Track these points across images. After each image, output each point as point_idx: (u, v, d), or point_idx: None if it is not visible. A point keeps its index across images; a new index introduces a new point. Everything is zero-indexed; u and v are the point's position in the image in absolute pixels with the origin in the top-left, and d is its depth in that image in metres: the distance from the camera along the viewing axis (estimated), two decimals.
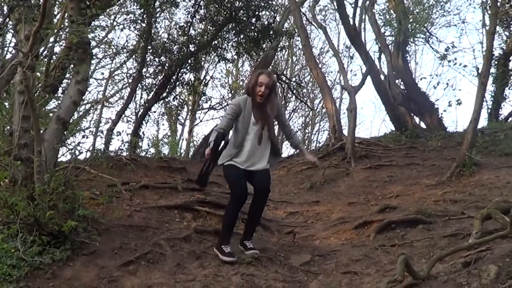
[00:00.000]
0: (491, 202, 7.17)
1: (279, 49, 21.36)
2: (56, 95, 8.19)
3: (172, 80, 17.58)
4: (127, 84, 21.36)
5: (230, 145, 6.46)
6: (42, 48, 7.58)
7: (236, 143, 6.42)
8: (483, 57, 13.05)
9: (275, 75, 7.17)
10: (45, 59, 7.80)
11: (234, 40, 17.60)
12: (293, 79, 25.78)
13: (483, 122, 17.96)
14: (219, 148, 6.34)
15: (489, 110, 19.22)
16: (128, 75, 20.51)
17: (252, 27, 16.91)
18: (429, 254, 6.14)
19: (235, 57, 18.93)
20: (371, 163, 13.74)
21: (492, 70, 17.80)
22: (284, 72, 26.78)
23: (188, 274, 5.83)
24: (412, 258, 5.96)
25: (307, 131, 32.57)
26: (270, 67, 21.04)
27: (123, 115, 17.20)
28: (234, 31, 17.22)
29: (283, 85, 23.54)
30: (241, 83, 28.43)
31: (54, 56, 8.07)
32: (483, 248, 5.43)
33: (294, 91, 24.66)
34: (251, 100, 6.44)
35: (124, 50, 19.04)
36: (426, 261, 5.79)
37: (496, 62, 18.54)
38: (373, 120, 78.16)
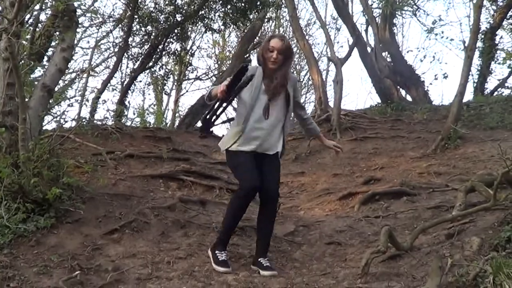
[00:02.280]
0: (475, 175, 7.22)
1: (266, 20, 21.18)
2: (41, 63, 8.12)
3: (158, 50, 17.50)
4: (113, 53, 21.20)
5: (233, 124, 5.46)
6: (28, 15, 7.48)
7: (241, 119, 5.27)
8: (470, 31, 13.05)
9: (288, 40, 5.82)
10: (31, 27, 7.71)
11: (221, 10, 17.45)
12: None
13: (469, 96, 18.02)
14: (240, 83, 5.06)
15: (475, 84, 19.23)
16: (114, 44, 20.34)
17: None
18: (412, 226, 6.19)
19: (222, 27, 18.74)
20: (357, 135, 13.73)
21: (479, 44, 17.78)
22: None
23: (172, 243, 5.85)
24: (395, 229, 6.00)
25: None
26: (257, 38, 20.90)
27: (109, 84, 17.09)
28: (221, 1, 17.06)
29: None
30: (227, 53, 28.27)
31: (39, 24, 7.99)
32: (466, 220, 5.49)
33: None
34: (261, 70, 5.34)
35: (111, 19, 18.86)
36: (409, 232, 5.84)
37: (483, 36, 18.52)
38: (359, 92, 78.20)
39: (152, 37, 17.10)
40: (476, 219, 5.48)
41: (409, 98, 20.10)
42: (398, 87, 20.11)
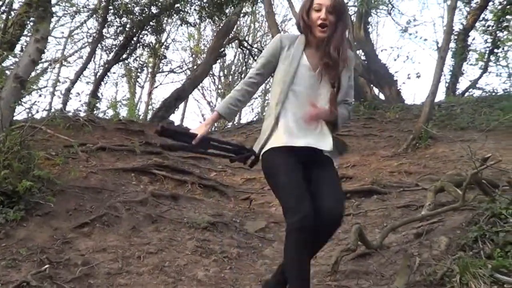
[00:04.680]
0: (445, 175, 7.31)
1: (242, 14, 21.17)
2: (13, 52, 8.03)
3: (132, 42, 17.35)
4: (87, 44, 21.01)
5: (266, 115, 3.82)
6: (0, 3, 7.40)
7: (274, 106, 3.65)
8: (443, 31, 13.16)
9: None
10: (3, 15, 7.63)
11: (197, 3, 17.36)
12: (255, 46, 25.64)
13: (441, 96, 18.18)
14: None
15: (447, 84, 19.42)
16: (88, 34, 20.15)
17: None
18: (382, 224, 6.25)
19: (198, 21, 18.67)
20: None
21: (452, 44, 17.96)
22: (246, 38, 26.61)
23: (143, 238, 5.84)
24: (366, 227, 6.06)
25: (267, 97, 32.55)
26: (232, 32, 20.88)
27: (82, 75, 16.94)
28: None
29: (244, 51, 23.43)
30: (202, 47, 28.19)
31: (12, 12, 7.90)
32: (435, 220, 5.56)
33: (255, 58, 24.55)
34: (304, 39, 3.70)
35: (85, 9, 18.68)
36: (379, 231, 5.90)
37: (456, 37, 18.71)
38: None
39: (127, 28, 16.96)
40: (444, 219, 5.56)
41: (382, 96, 20.21)
42: (372, 85, 20.21)
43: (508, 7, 17.59)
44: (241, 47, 23.25)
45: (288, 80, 3.60)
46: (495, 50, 19.55)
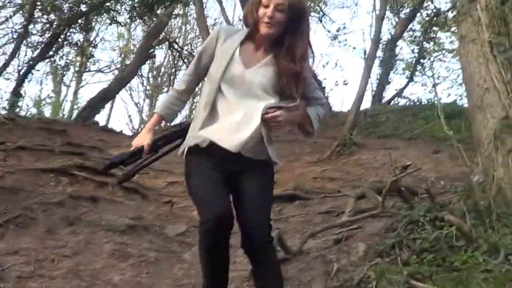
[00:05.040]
0: (367, 182, 7.40)
1: (173, 16, 21.05)
2: None
3: (59, 39, 17.04)
4: (11, 40, 20.47)
5: (194, 117, 3.50)
6: None
7: (202, 108, 3.31)
8: (371, 40, 13.37)
9: None
10: None
11: (127, 3, 17.20)
12: (186, 48, 25.52)
13: (367, 104, 18.47)
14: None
15: (373, 92, 19.78)
16: (13, 30, 19.65)
17: None
18: (303, 230, 6.26)
19: (128, 20, 18.48)
20: None
21: (380, 53, 18.33)
22: (177, 40, 26.46)
23: (59, 240, 5.67)
24: (286, 233, 6.05)
25: (195, 100, 32.51)
26: (163, 33, 20.74)
27: (4, 71, 16.49)
28: None
29: (174, 53, 23.30)
30: (132, 47, 27.91)
31: None
32: (355, 226, 5.61)
33: (186, 60, 24.41)
34: (245, 33, 3.36)
35: (11, 3, 18.21)
36: (300, 236, 5.89)
37: (384, 46, 19.07)
38: None
39: (54, 26, 16.64)
40: (364, 225, 5.61)
41: None
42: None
43: (435, 19, 18.06)
44: (171, 48, 23.12)
45: (217, 78, 3.25)
46: (422, 60, 20.02)
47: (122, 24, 18.86)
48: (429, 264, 4.22)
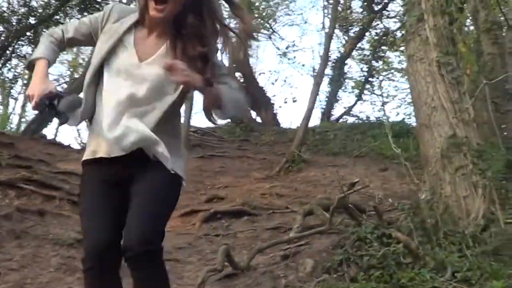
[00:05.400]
0: (315, 198, 7.42)
1: None
2: None
3: (8, 52, 16.75)
4: None
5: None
6: None
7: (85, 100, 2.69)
8: (320, 58, 13.50)
9: None
10: None
11: (77, 16, 17.01)
12: None
13: (316, 121, 18.60)
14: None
15: (322, 110, 19.92)
16: None
17: (97, 6, 16.43)
18: (251, 246, 6.22)
19: None
20: (204, 152, 13.74)
21: (329, 71, 18.50)
22: None
23: (5, 254, 5.52)
24: (234, 248, 6.01)
25: None
26: None
27: None
28: (78, 8, 16.64)
29: None
30: (81, 61, 27.57)
31: None
32: (302, 243, 5.59)
33: None
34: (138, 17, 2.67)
35: None
36: (247, 252, 5.86)
37: (333, 64, 19.25)
38: None
39: (2, 38, 16.36)
40: (312, 241, 5.60)
41: (259, 119, 20.44)
42: (249, 108, 20.42)
43: (384, 38, 18.35)
44: None
45: (96, 63, 2.62)
46: (370, 79, 20.34)
47: None
48: (376, 281, 4.22)
